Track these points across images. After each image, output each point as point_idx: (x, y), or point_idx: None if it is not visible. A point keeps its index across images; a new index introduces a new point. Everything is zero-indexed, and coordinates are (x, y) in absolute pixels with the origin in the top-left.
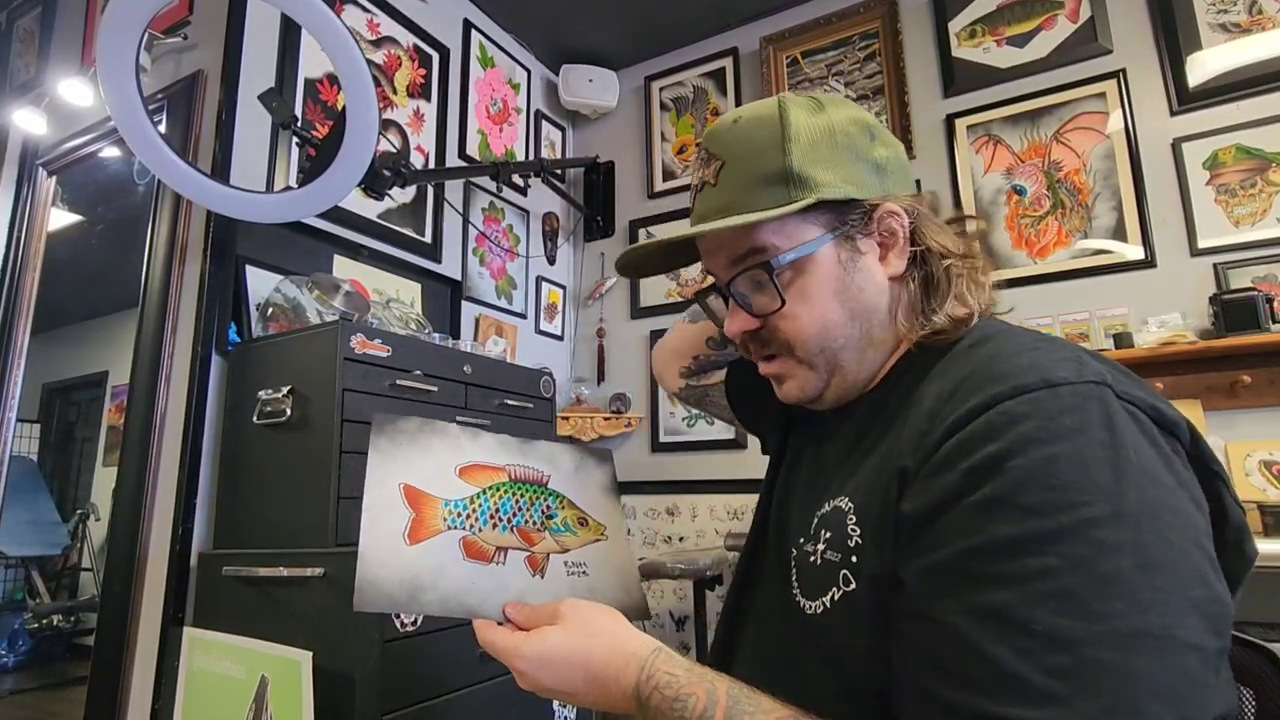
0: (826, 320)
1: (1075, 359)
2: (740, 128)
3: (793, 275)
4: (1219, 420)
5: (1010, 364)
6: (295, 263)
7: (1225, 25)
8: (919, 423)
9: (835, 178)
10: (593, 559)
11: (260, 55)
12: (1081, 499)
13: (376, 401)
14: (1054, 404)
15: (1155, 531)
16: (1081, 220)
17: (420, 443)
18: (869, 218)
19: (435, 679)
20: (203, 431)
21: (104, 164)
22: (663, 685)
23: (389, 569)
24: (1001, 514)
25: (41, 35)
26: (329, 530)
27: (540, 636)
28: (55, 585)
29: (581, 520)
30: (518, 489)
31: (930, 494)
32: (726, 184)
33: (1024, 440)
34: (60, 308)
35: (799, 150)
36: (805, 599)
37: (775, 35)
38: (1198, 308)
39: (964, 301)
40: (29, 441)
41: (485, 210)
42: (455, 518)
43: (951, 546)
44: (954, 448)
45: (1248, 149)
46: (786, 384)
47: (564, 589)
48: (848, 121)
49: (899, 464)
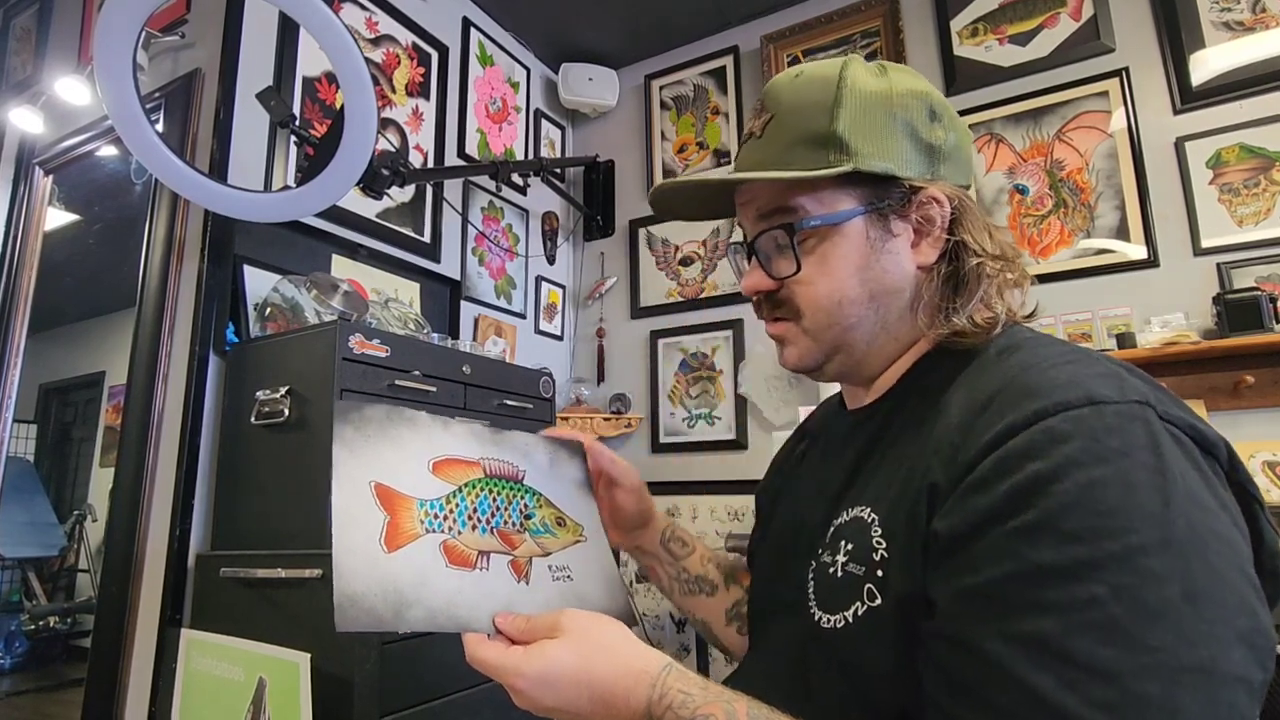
0: (843, 295)
1: (1115, 375)
2: (798, 83)
3: (816, 242)
4: (1222, 421)
5: (1048, 377)
6: (293, 262)
7: (1228, 23)
8: (949, 435)
9: (878, 150)
10: (574, 562)
11: (258, 53)
12: (1128, 525)
13: (374, 402)
14: (1099, 423)
15: (1202, 560)
16: (1084, 220)
17: (389, 434)
18: (909, 200)
19: (434, 681)
20: (200, 432)
21: (101, 163)
22: (677, 705)
23: (369, 581)
24: (1045, 540)
25: (38, 33)
26: (327, 532)
27: (540, 652)
28: (52, 587)
29: (559, 520)
30: (494, 486)
31: (966, 514)
32: (770, 139)
33: (1068, 462)
34: (57, 307)
35: (846, 115)
36: (822, 611)
37: (776, 33)
38: (1201, 308)
39: (989, 305)
40: (26, 442)
41: (484, 210)
42: (432, 519)
43: (991, 571)
44: (992, 466)
45: (1251, 148)
46: (787, 349)
47: (553, 595)
48: (909, 95)
49: (928, 479)
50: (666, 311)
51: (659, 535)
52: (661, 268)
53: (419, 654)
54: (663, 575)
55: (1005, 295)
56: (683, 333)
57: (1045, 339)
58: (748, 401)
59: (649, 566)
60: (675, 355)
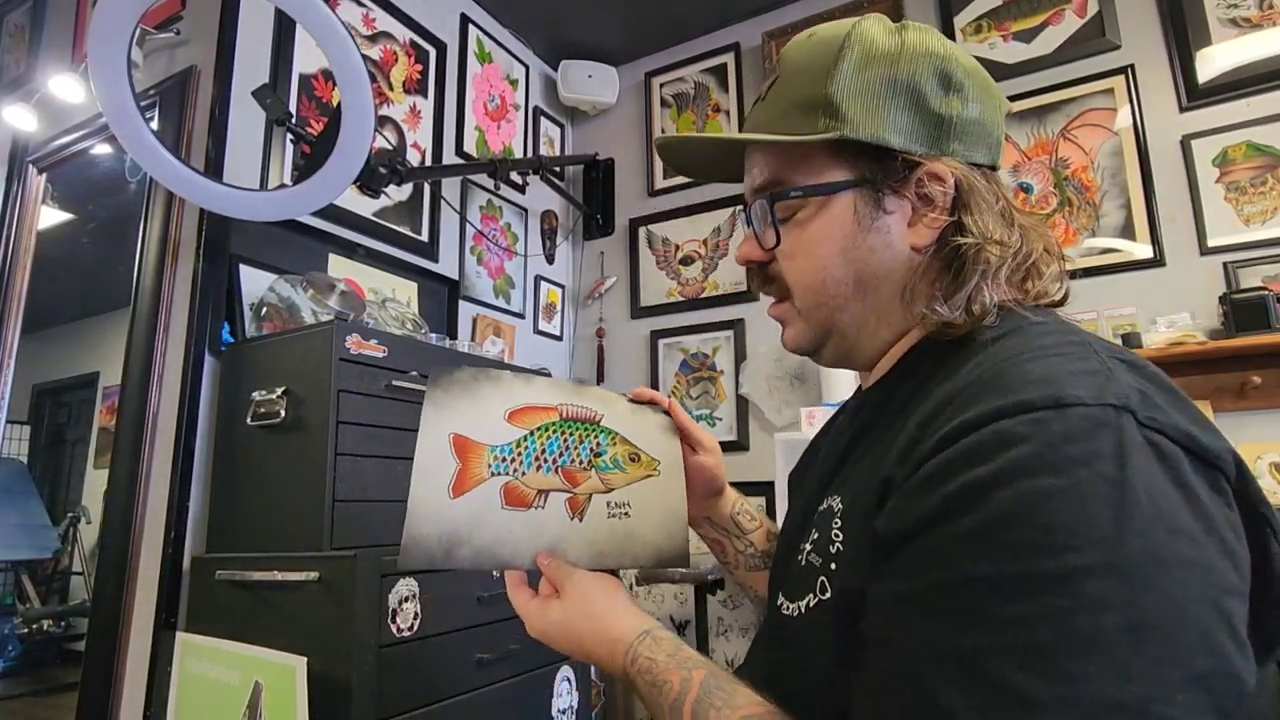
0: (826, 274)
1: (1101, 372)
2: (806, 44)
3: (801, 215)
4: (1228, 422)
5: (1022, 371)
6: (290, 262)
7: (1235, 20)
8: (914, 427)
9: (874, 119)
10: (639, 498)
11: (254, 51)
12: (1071, 544)
13: (373, 403)
14: (1059, 428)
15: (1157, 589)
16: (1089, 218)
17: (473, 390)
18: (907, 176)
19: (432, 684)
20: (195, 433)
21: (95, 161)
22: (644, 670)
23: (431, 524)
24: (979, 549)
25: (32, 30)
26: (324, 534)
27: (543, 610)
28: (46, 589)
29: (633, 456)
30: (567, 428)
31: (906, 514)
32: (771, 101)
33: (1015, 468)
34: (51, 307)
35: (843, 80)
36: (785, 599)
37: (778, 30)
38: (1207, 307)
39: (980, 294)
40: (19, 444)
41: (483, 208)
42: (500, 463)
43: (921, 578)
44: (938, 466)
45: (1258, 146)
46: (785, 331)
47: (602, 532)
48: (920, 57)
49: (886, 472)
50: (667, 311)
51: (730, 507)
52: (662, 267)
53: (417, 657)
54: (729, 549)
55: (1013, 282)
56: (683, 333)
57: (1045, 325)
58: (749, 402)
59: (715, 540)
60: (676, 355)
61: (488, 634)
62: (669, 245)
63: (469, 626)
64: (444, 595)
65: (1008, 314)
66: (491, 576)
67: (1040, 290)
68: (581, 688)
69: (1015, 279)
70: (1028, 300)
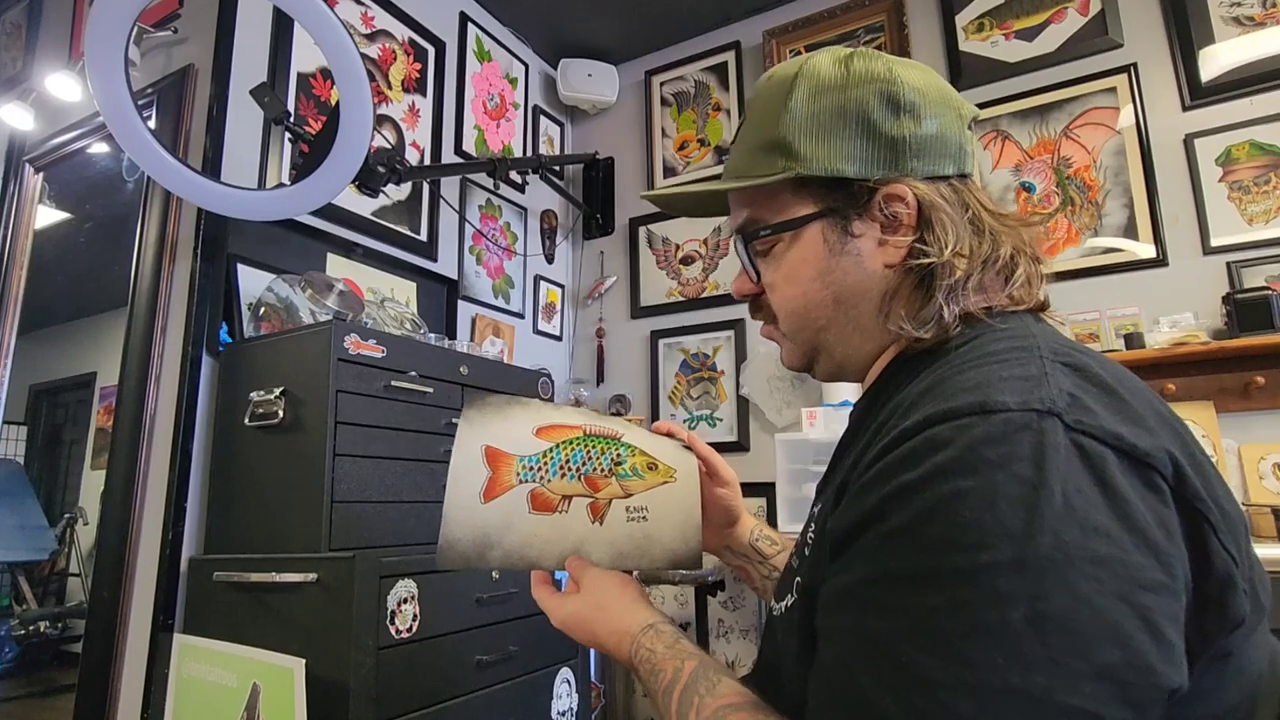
0: (808, 300)
1: (1035, 378)
2: (765, 86)
3: (776, 249)
4: (1232, 423)
5: (960, 380)
6: (288, 261)
7: (1239, 19)
8: (871, 435)
9: (826, 152)
10: (655, 503)
11: (252, 49)
12: (981, 541)
13: (371, 403)
14: (980, 432)
15: (1065, 584)
16: (1092, 218)
17: (505, 412)
18: (869, 200)
19: (431, 686)
20: (193, 434)
21: (92, 160)
22: (645, 659)
23: (464, 528)
24: (899, 547)
25: (29, 28)
26: (322, 535)
27: (562, 604)
28: (42, 591)
29: (651, 465)
30: (591, 441)
31: (849, 516)
32: (738, 145)
33: (936, 471)
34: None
35: (793, 120)
36: (775, 601)
37: (778, 28)
38: (1210, 307)
39: (947, 308)
40: (15, 444)
41: (482, 208)
42: (527, 471)
43: (855, 573)
44: (878, 471)
45: (1261, 145)
46: (782, 352)
47: (621, 535)
48: (864, 86)
49: (844, 476)
50: (667, 311)
51: (748, 534)
52: (662, 266)
53: (416, 659)
54: (754, 575)
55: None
56: (684, 333)
57: (1006, 332)
58: (749, 403)
59: (739, 567)
60: (676, 355)
61: (487, 635)
62: (669, 245)
63: (468, 628)
64: (443, 597)
65: (975, 322)
66: (491, 578)
67: (1015, 295)
68: (581, 689)
69: (994, 284)
70: (1008, 305)
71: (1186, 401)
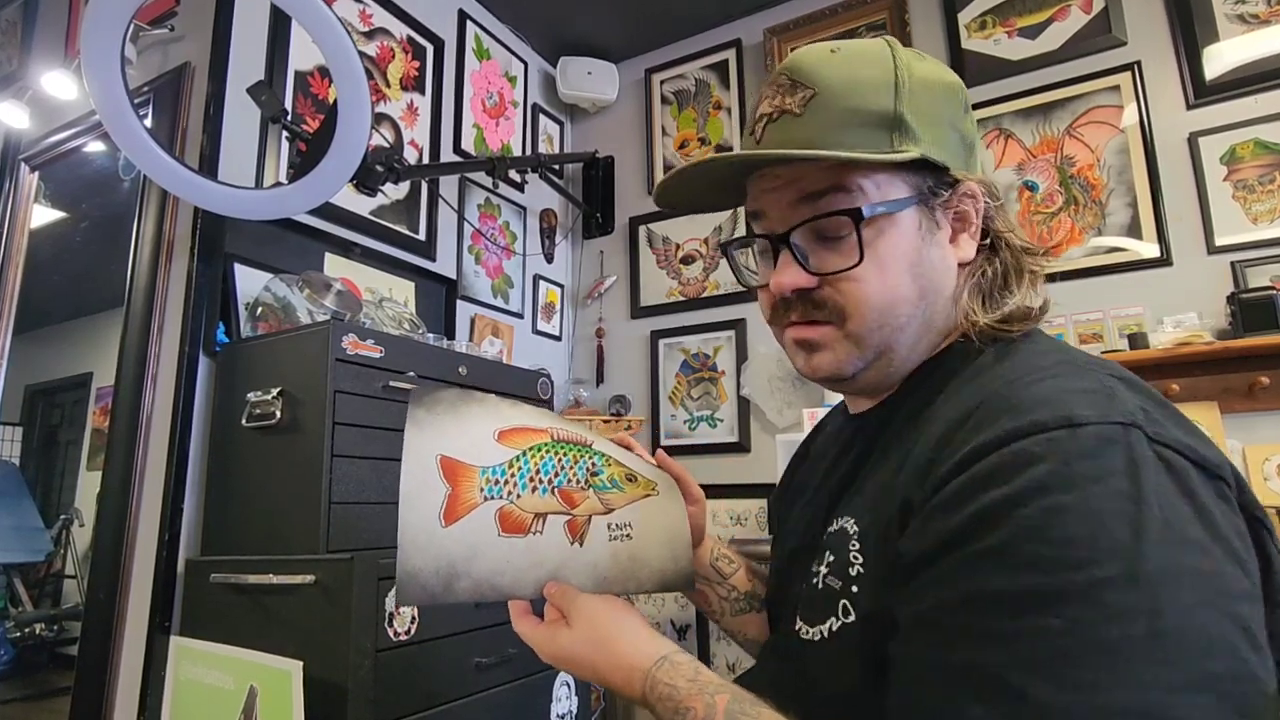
0: (896, 293)
1: (1104, 390)
2: (841, 58)
3: (873, 234)
4: (1237, 423)
5: (1030, 393)
6: (285, 261)
7: (1243, 16)
8: (927, 450)
9: (935, 138)
10: (639, 519)
11: (249, 47)
12: (1092, 557)
13: (370, 404)
14: (1073, 446)
15: (1174, 598)
16: (1095, 217)
17: (459, 410)
18: (950, 192)
19: (430, 688)
20: (190, 434)
21: (88, 159)
22: (664, 697)
23: (425, 556)
24: (1001, 566)
25: (24, 26)
26: (320, 536)
27: (553, 637)
28: (38, 593)
29: (629, 476)
30: (560, 448)
31: (930, 535)
32: (816, 116)
33: (1034, 487)
34: (43, 307)
35: (910, 97)
36: (803, 623)
37: (779, 26)
38: (1215, 307)
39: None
40: (11, 445)
41: (481, 207)
42: (492, 485)
43: (946, 595)
44: (960, 487)
45: (1266, 144)
46: (820, 355)
47: (604, 557)
48: (952, 84)
49: (904, 494)
50: (667, 311)
51: (709, 555)
52: (662, 266)
53: (415, 661)
54: (712, 597)
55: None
56: (684, 333)
57: (1042, 344)
58: (750, 403)
59: (699, 591)
60: (676, 356)
61: (486, 638)
62: (669, 244)
63: (467, 630)
64: None
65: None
66: None
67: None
68: (580, 692)
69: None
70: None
71: (1191, 402)
